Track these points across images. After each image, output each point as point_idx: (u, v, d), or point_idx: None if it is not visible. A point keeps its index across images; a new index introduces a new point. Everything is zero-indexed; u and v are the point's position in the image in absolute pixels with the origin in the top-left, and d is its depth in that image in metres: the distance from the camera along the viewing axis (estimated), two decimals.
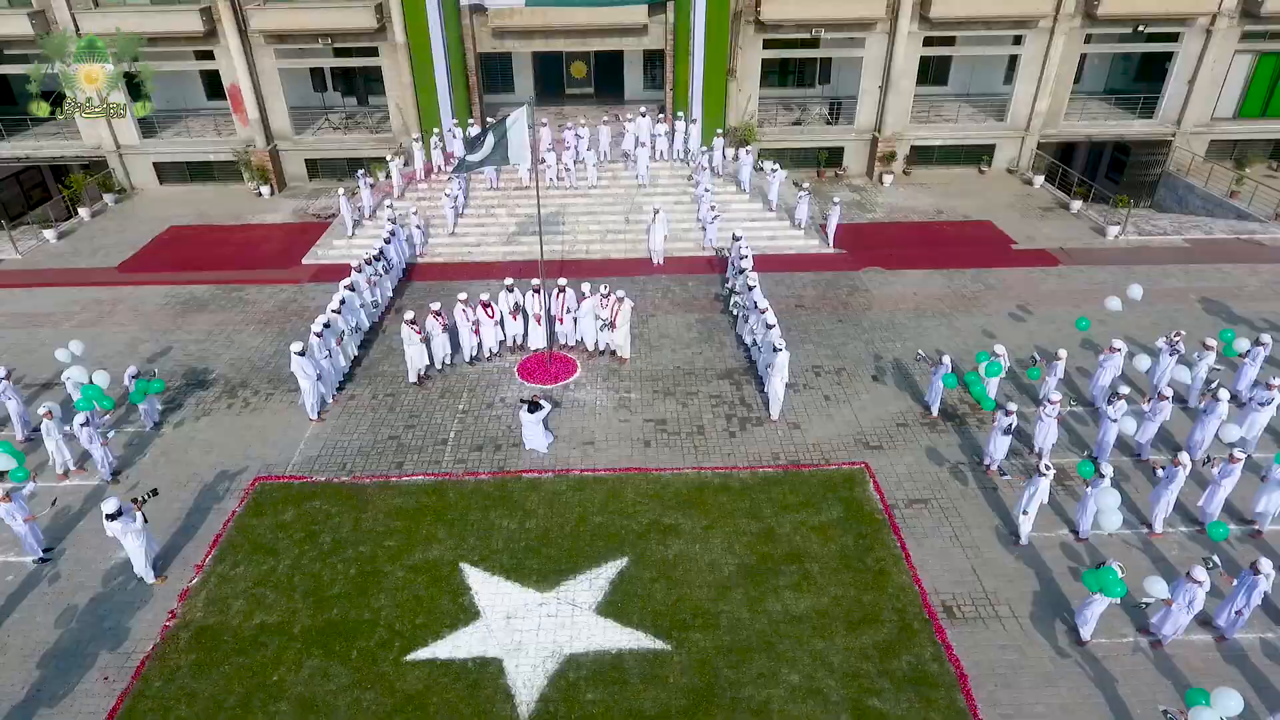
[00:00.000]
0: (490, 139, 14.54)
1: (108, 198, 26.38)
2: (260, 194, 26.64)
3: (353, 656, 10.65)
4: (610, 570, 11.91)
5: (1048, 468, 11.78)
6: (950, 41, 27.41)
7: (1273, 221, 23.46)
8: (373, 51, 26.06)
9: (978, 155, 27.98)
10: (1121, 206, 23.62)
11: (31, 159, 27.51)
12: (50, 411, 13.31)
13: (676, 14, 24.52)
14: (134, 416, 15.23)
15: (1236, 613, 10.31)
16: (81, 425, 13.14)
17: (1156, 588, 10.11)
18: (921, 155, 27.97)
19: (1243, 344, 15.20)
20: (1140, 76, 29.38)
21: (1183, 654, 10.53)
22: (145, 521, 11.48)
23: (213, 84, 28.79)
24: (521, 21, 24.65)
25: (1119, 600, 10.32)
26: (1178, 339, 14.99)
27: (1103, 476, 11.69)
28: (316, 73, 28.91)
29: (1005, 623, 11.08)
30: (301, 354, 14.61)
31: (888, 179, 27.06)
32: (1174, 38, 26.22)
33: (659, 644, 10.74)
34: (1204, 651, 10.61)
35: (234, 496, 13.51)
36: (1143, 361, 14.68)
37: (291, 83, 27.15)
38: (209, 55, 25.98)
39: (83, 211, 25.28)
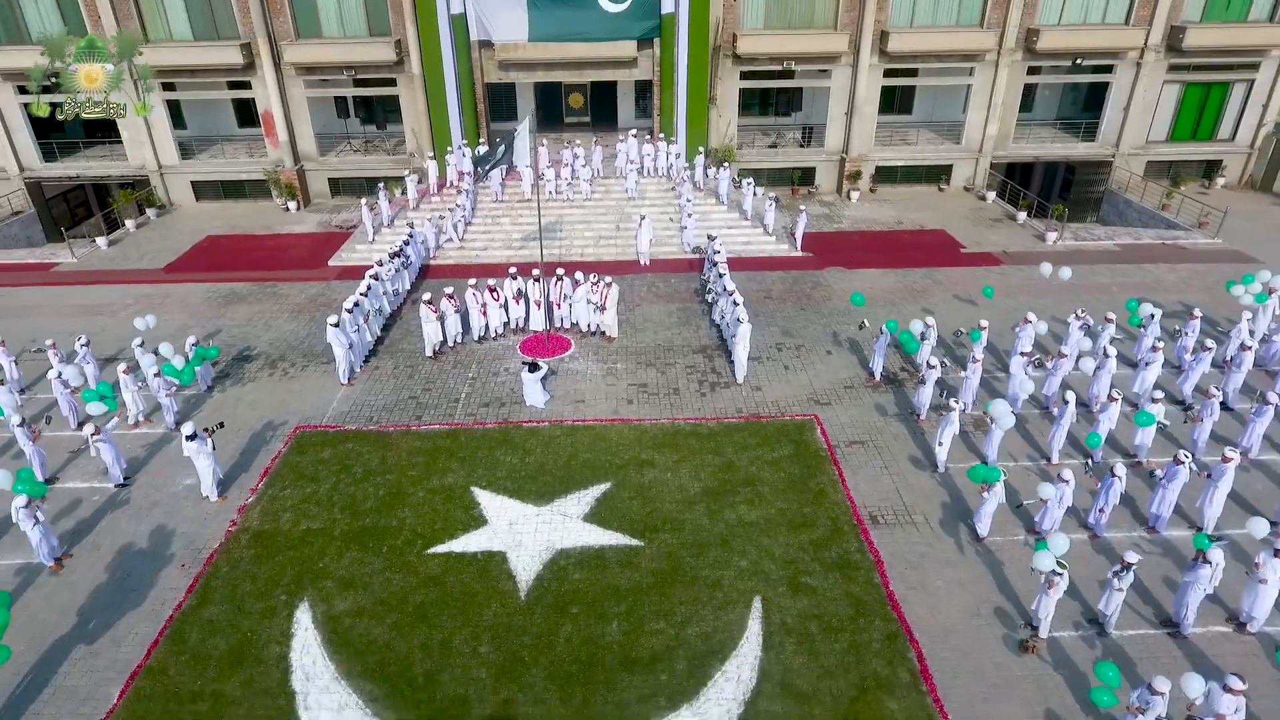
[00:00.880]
0: (501, 147, 17.47)
1: (150, 212, 29.22)
2: (288, 209, 29.48)
3: (383, 551, 13.02)
4: (596, 491, 14.32)
5: (955, 402, 14.26)
6: (913, 73, 30.48)
7: (1196, 229, 26.19)
8: (391, 82, 29.16)
9: (937, 174, 30.92)
10: (1058, 215, 26.36)
11: (81, 178, 30.43)
12: (128, 367, 15.85)
13: (662, 48, 27.61)
14: None
15: (1100, 510, 12.71)
16: (155, 375, 15.70)
17: (1044, 490, 12.50)
18: (886, 175, 30.89)
19: (1146, 309, 17.78)
20: (1088, 106, 32.39)
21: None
22: (214, 448, 13.95)
23: (242, 112, 31.96)
24: (524, 55, 27.73)
25: (1001, 487, 12.66)
26: (1084, 313, 17.56)
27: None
28: (340, 101, 31.96)
29: (919, 527, 13.47)
30: (336, 325, 17.19)
31: (855, 195, 29.91)
32: (1109, 69, 29.31)
33: (634, 541, 13.12)
34: (1080, 546, 12.94)
35: (279, 440, 15.97)
36: (1040, 328, 17.31)
37: (317, 110, 30.17)
38: (245, 85, 29.01)
39: (129, 223, 28.09)
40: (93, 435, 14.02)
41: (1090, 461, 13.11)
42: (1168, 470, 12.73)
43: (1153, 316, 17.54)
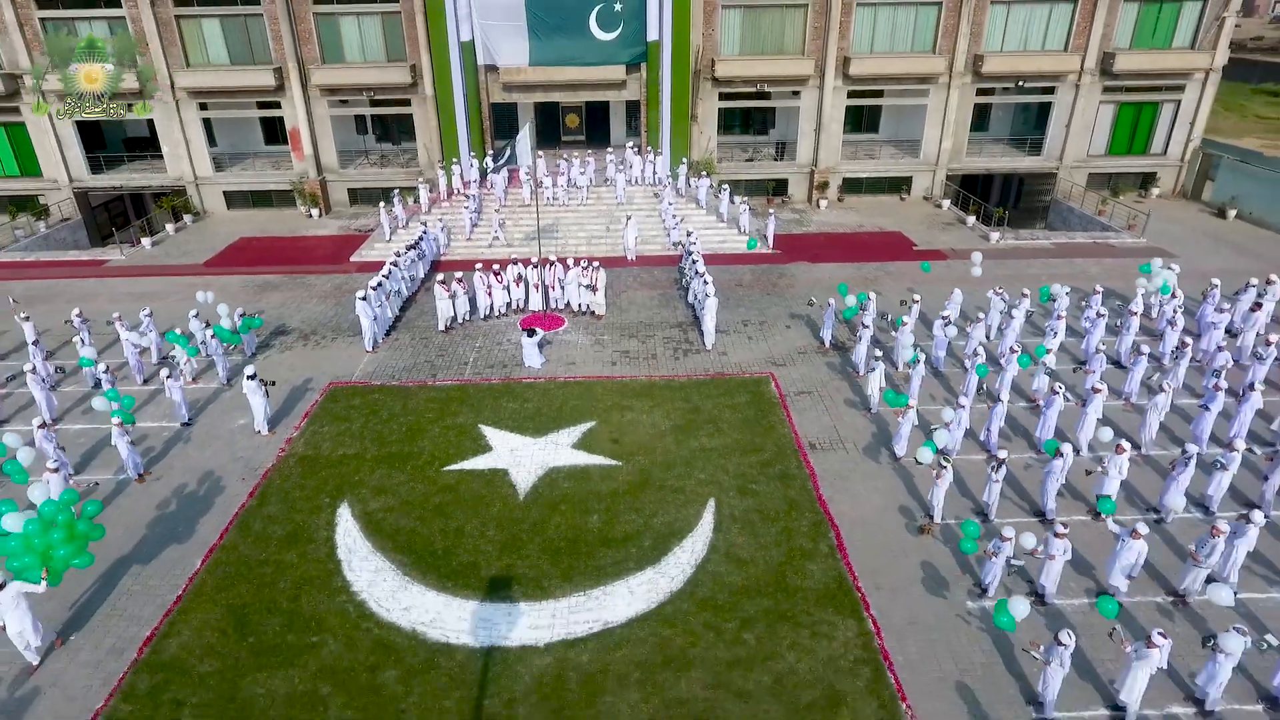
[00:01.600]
0: (505, 150, 20.66)
1: (186, 218, 32.34)
2: (311, 215, 32.62)
3: (407, 469, 15.85)
4: (583, 427, 17.18)
5: (877, 358, 17.20)
6: (878, 94, 33.81)
7: (1125, 231, 29.28)
8: (405, 102, 32.45)
9: (899, 185, 34.12)
10: (998, 218, 29.48)
11: (124, 188, 33.59)
12: (183, 333, 18.80)
13: (648, 72, 30.94)
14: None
15: (988, 430, 15.59)
16: (211, 337, 18.67)
17: (945, 414, 15.37)
18: (853, 186, 34.08)
19: (1056, 288, 20.79)
20: (1039, 125, 35.67)
21: (962, 465, 15.67)
22: (266, 393, 16.86)
23: (268, 130, 35.28)
24: (526, 78, 31.06)
25: (913, 413, 15.50)
26: (1001, 289, 20.57)
27: (919, 361, 17.11)
28: (359, 119, 35.27)
29: (849, 452, 16.31)
30: (363, 299, 20.18)
31: (823, 203, 33.08)
32: (1050, 91, 32.66)
33: (613, 462, 15.95)
34: (978, 464, 15.77)
35: (315, 392, 18.86)
36: (957, 296, 20.34)
37: (338, 127, 33.44)
38: (274, 105, 32.30)
39: (169, 227, 31.21)
40: (167, 377, 16.96)
41: (984, 386, 16.04)
42: (1048, 400, 15.63)
43: (1064, 290, 20.53)
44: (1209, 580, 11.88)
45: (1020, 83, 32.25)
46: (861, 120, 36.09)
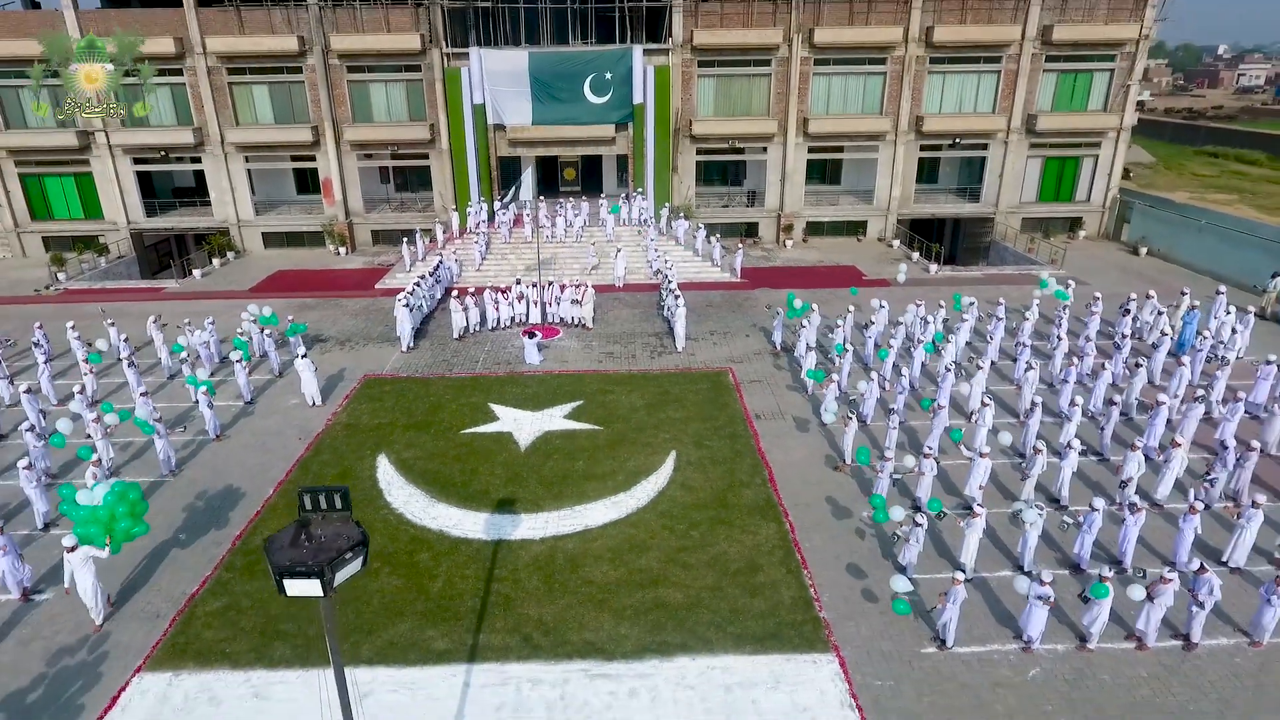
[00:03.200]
0: (513, 190, 25.19)
1: (230, 254, 36.82)
2: (339, 253, 37.11)
3: (431, 432, 19.76)
4: (572, 405, 21.15)
5: (809, 348, 21.32)
6: (838, 149, 38.69)
7: (1049, 264, 33.71)
8: (424, 156, 37.31)
9: (856, 228, 38.76)
10: (935, 254, 33.99)
11: (175, 230, 38.19)
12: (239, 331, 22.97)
13: (634, 130, 35.87)
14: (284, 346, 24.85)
15: (899, 395, 19.60)
16: (267, 336, 22.81)
17: (860, 386, 19.40)
18: (815, 228, 38.72)
19: (966, 300, 25.04)
20: (979, 176, 40.56)
21: (876, 429, 19.60)
22: (315, 371, 20.90)
23: (299, 181, 40.08)
24: (529, 135, 35.98)
25: (834, 386, 19.50)
26: (920, 302, 24.81)
27: (847, 350, 21.22)
28: (382, 170, 40.10)
29: (787, 421, 20.26)
30: (405, 305, 24.47)
31: (789, 243, 37.64)
32: (983, 146, 37.59)
33: (596, 427, 19.89)
34: (883, 427, 19.68)
35: (353, 381, 22.89)
36: (876, 301, 24.56)
37: (364, 177, 38.22)
38: (309, 158, 37.14)
39: (214, 261, 35.65)
40: (237, 361, 21.05)
41: (889, 345, 20.45)
42: (943, 376, 19.69)
43: (972, 303, 24.80)
44: (1056, 503, 15.83)
45: (956, 140, 37.22)
46: (826, 173, 41.03)
